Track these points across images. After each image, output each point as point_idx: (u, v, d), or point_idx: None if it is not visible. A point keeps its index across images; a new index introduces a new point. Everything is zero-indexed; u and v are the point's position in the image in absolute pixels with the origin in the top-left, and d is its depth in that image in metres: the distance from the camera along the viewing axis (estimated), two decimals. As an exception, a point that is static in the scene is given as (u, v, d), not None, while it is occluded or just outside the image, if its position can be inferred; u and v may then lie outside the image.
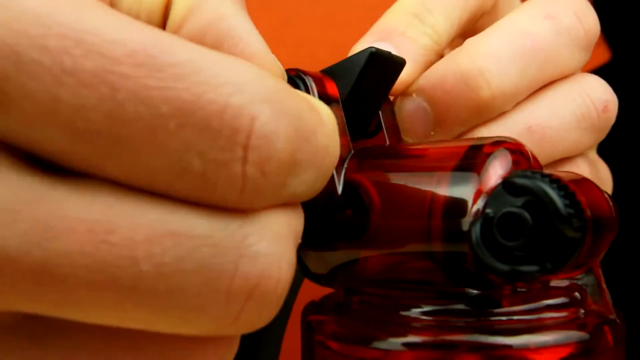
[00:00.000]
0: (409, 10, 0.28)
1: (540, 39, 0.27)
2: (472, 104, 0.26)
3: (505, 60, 0.26)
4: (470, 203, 0.20)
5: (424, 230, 0.21)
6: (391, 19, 0.28)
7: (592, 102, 0.28)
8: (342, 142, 0.24)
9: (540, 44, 0.27)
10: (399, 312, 0.22)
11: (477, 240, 0.19)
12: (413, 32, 0.27)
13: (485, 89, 0.26)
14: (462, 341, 0.20)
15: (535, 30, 0.27)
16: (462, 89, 0.26)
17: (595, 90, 0.28)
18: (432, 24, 0.28)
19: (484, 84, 0.26)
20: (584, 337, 0.20)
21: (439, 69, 0.27)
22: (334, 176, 0.23)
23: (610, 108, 0.28)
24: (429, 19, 0.28)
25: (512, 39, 0.27)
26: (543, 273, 0.19)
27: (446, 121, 0.27)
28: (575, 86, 0.28)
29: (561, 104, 0.27)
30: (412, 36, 0.27)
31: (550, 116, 0.27)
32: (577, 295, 0.21)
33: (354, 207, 0.23)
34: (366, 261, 0.23)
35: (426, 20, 0.28)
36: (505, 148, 0.21)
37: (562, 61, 0.28)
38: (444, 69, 0.27)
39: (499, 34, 0.27)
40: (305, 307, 0.24)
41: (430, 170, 0.22)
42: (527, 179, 0.19)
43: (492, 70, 0.26)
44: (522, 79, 0.27)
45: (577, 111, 0.27)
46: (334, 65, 0.24)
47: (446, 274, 0.21)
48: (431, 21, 0.28)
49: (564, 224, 0.18)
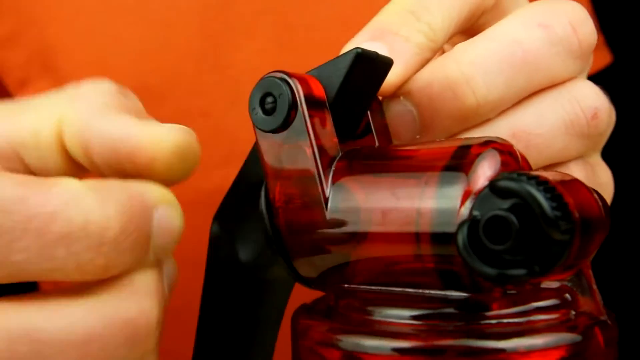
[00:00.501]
0: (405, 7, 0.28)
1: (532, 48, 0.26)
2: (457, 112, 0.26)
3: (493, 69, 0.26)
4: (458, 204, 0.20)
5: (412, 233, 0.21)
6: (386, 17, 0.28)
7: (582, 109, 0.27)
8: (330, 144, 0.24)
9: (531, 53, 0.26)
10: (388, 317, 0.21)
11: (464, 244, 0.19)
12: (407, 30, 0.27)
13: (471, 97, 0.26)
14: (451, 346, 0.20)
15: (527, 39, 0.27)
16: (448, 97, 0.26)
17: (586, 97, 0.27)
18: (429, 21, 0.27)
19: (470, 93, 0.26)
20: (575, 339, 0.20)
21: (426, 74, 0.27)
22: (322, 178, 0.23)
23: (600, 115, 0.27)
24: (426, 16, 0.27)
25: (502, 47, 0.26)
26: (531, 276, 0.18)
27: (431, 126, 0.27)
28: (564, 93, 0.27)
29: (548, 111, 0.27)
30: (405, 35, 0.27)
31: (536, 123, 0.27)
32: (567, 297, 0.21)
33: (342, 210, 0.22)
34: (356, 265, 0.22)
35: (422, 18, 0.27)
36: (494, 148, 0.21)
37: (553, 71, 0.27)
38: (431, 74, 0.27)
39: (488, 41, 0.27)
40: (296, 310, 0.24)
41: (419, 170, 0.21)
42: (514, 182, 0.18)
43: (478, 79, 0.26)
44: (509, 88, 0.26)
45: (566, 118, 0.27)
46: (321, 67, 0.24)
47: (435, 277, 0.21)
48: (427, 18, 0.27)
49: (551, 227, 0.18)
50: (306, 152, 0.23)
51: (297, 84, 0.23)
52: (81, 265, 0.20)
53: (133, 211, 0.21)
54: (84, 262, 0.20)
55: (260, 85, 0.23)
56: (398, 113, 0.27)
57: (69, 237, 0.20)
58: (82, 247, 0.20)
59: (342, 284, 0.23)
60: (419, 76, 0.27)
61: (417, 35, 0.27)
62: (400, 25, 0.27)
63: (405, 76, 0.27)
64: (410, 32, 0.27)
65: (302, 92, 0.23)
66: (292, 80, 0.23)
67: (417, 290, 0.21)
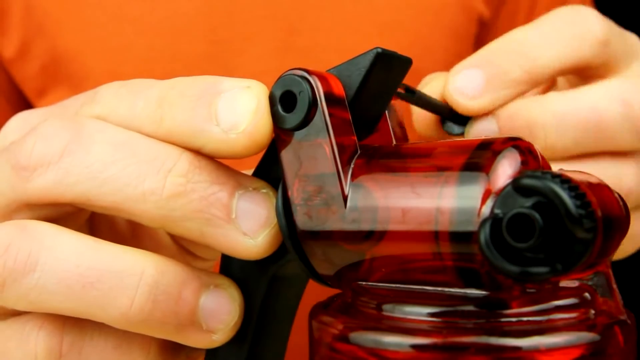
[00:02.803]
0: (519, 39, 0.31)
1: (608, 119, 0.29)
2: None
3: (568, 125, 0.29)
4: (479, 203, 0.20)
5: (432, 231, 0.21)
6: (499, 45, 0.31)
7: (621, 190, 0.30)
8: (348, 142, 0.24)
9: (606, 123, 0.29)
10: (407, 314, 0.21)
11: (487, 242, 0.19)
12: (509, 64, 0.30)
13: (542, 140, 0.29)
14: (471, 343, 0.20)
15: (607, 110, 0.29)
16: (523, 133, 0.29)
17: (630, 179, 0.31)
18: (535, 57, 0.30)
19: (542, 136, 0.29)
20: (594, 338, 0.20)
21: (516, 107, 0.30)
22: (341, 176, 0.23)
23: (631, 197, 0.31)
24: (533, 52, 0.30)
25: (582, 109, 0.29)
26: (553, 274, 0.18)
27: None
28: (624, 163, 0.31)
29: (604, 174, 0.29)
30: (505, 69, 0.30)
31: None
32: (587, 296, 0.21)
33: (361, 208, 0.22)
34: (374, 262, 0.22)
35: (530, 54, 0.30)
36: (513, 147, 0.21)
37: (618, 143, 0.30)
38: (518, 110, 0.30)
39: (573, 101, 0.30)
40: (313, 307, 0.24)
41: (438, 169, 0.21)
42: (538, 180, 0.18)
43: (553, 129, 0.29)
44: (576, 145, 0.30)
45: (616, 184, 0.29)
46: (341, 65, 0.24)
47: (454, 275, 0.21)
48: (534, 55, 0.30)
49: (575, 225, 0.18)
50: (325, 149, 0.23)
51: (317, 81, 0.23)
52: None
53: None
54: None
55: (279, 83, 0.23)
56: (484, 129, 0.30)
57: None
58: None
59: (359, 282, 0.23)
60: (511, 105, 0.30)
61: (516, 69, 0.30)
62: (504, 58, 0.30)
63: (484, 106, 0.30)
64: (511, 66, 0.30)
65: (322, 90, 0.23)
66: (312, 77, 0.23)
67: (436, 288, 0.21)
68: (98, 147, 0.23)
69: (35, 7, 0.47)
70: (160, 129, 0.23)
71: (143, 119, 0.24)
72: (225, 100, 0.23)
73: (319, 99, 0.23)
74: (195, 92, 0.23)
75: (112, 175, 0.23)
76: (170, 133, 0.23)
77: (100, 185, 0.23)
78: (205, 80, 0.24)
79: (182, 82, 0.24)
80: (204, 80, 0.24)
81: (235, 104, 0.23)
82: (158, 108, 0.23)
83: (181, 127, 0.23)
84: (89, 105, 0.25)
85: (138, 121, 0.24)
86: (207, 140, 0.23)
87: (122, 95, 0.24)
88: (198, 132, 0.23)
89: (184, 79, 0.24)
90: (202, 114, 0.23)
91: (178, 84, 0.24)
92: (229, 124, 0.23)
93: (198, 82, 0.24)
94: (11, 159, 0.24)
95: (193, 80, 0.24)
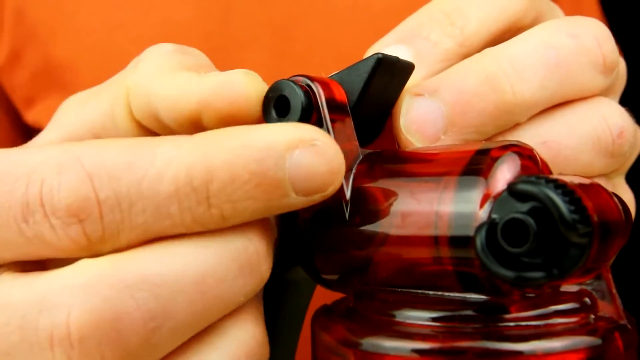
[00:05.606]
0: (440, 9, 0.27)
1: (563, 54, 0.26)
2: (492, 107, 0.25)
3: (529, 68, 0.26)
4: (477, 208, 0.20)
5: (432, 236, 0.21)
6: (418, 18, 0.28)
7: (609, 127, 0.27)
8: (350, 148, 0.24)
9: (563, 58, 0.26)
10: (408, 318, 0.21)
11: (482, 247, 0.19)
12: (437, 34, 0.27)
13: (509, 92, 0.25)
14: (470, 347, 0.20)
15: (559, 45, 0.26)
16: (484, 90, 0.25)
17: (612, 115, 0.27)
18: (463, 25, 0.27)
19: (508, 87, 0.25)
20: (594, 343, 0.20)
21: (460, 69, 0.26)
22: (342, 182, 0.23)
23: (625, 135, 0.27)
24: (460, 20, 0.27)
25: (537, 49, 0.26)
26: (549, 279, 0.18)
27: (460, 124, 0.26)
28: (592, 108, 0.27)
29: (578, 124, 0.27)
30: (434, 40, 0.27)
31: (567, 134, 0.26)
32: (587, 301, 0.21)
33: (363, 213, 0.23)
34: (375, 267, 0.23)
35: (457, 22, 0.27)
36: (513, 152, 0.21)
37: (582, 81, 0.27)
38: (467, 69, 0.26)
39: (524, 43, 0.26)
40: (316, 311, 0.24)
41: (438, 174, 0.22)
42: (532, 185, 0.18)
43: (516, 76, 0.26)
44: (543, 90, 0.26)
45: (593, 133, 0.27)
46: (342, 71, 0.24)
47: (454, 279, 0.21)
48: (462, 23, 0.27)
49: (569, 230, 0.18)
50: None
51: (319, 87, 0.23)
52: (197, 218, 0.21)
53: (245, 159, 0.21)
54: (199, 215, 0.21)
55: (271, 89, 0.23)
56: (423, 111, 0.26)
57: (178, 194, 0.21)
58: (192, 202, 0.21)
59: (361, 286, 0.23)
60: (452, 72, 0.26)
61: (446, 40, 0.27)
62: (431, 29, 0.27)
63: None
64: (440, 36, 0.27)
65: (324, 96, 0.23)
66: (314, 84, 0.23)
67: (436, 292, 0.21)
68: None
69: (27, 14, 0.47)
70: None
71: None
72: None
73: (321, 104, 0.23)
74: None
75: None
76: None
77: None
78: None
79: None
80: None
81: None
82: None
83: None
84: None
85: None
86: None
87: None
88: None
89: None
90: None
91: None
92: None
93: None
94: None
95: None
